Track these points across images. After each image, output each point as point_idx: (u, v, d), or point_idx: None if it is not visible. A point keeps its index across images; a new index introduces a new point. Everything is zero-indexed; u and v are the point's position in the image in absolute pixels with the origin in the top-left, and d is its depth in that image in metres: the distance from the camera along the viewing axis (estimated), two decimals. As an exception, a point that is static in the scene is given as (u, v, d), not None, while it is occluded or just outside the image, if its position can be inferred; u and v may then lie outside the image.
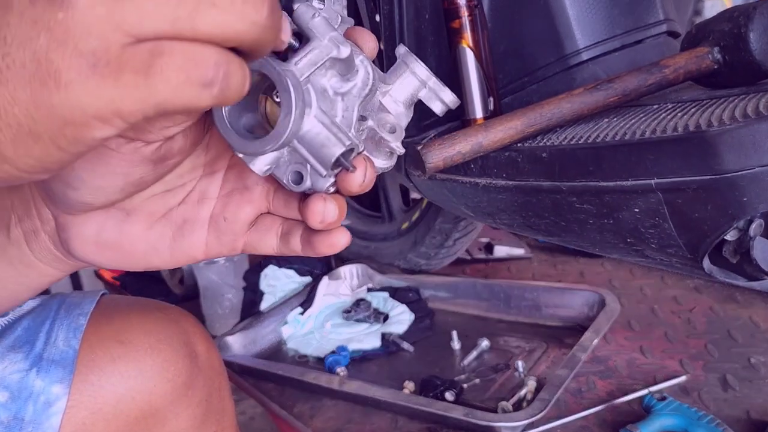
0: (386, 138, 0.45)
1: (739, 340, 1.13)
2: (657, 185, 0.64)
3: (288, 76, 0.38)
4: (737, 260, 0.64)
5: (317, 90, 0.41)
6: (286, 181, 0.43)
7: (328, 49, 0.40)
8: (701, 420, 0.89)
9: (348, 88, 0.42)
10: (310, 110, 0.40)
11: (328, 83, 0.42)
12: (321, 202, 0.42)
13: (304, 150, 0.41)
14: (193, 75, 0.29)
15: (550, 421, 0.98)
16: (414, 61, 0.47)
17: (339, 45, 0.40)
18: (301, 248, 0.46)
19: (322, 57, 0.40)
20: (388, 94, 0.47)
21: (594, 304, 1.26)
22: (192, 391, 0.65)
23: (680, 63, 0.74)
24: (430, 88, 0.48)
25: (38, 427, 0.55)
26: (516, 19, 0.89)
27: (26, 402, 0.56)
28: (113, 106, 0.29)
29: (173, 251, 0.47)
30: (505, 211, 0.84)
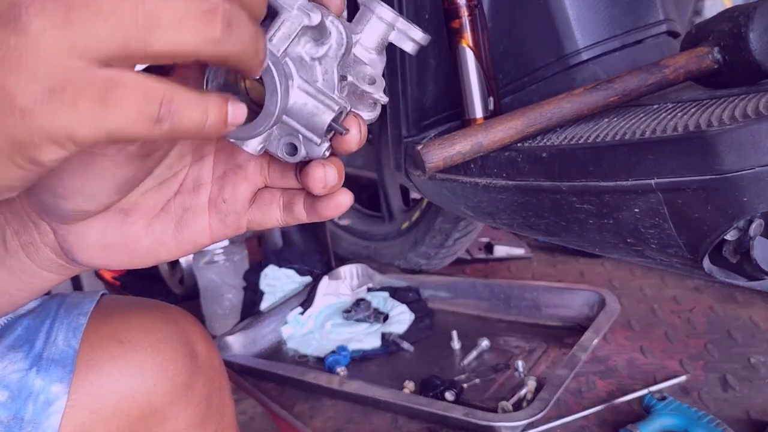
0: (368, 90, 0.44)
1: (739, 340, 1.13)
2: (657, 185, 0.64)
3: (273, 66, 0.38)
4: (737, 260, 0.64)
5: (295, 60, 0.41)
6: (281, 154, 0.43)
7: (299, 19, 0.40)
8: (701, 420, 0.89)
9: (324, 52, 0.42)
10: (292, 82, 0.40)
11: (304, 50, 0.41)
12: (321, 168, 0.42)
13: (294, 122, 0.41)
14: (144, 110, 0.29)
15: (550, 421, 0.98)
16: (378, 5, 0.47)
17: (309, 12, 0.40)
18: (306, 215, 0.46)
19: (295, 28, 0.40)
20: (359, 44, 0.46)
21: (594, 303, 1.26)
22: (192, 390, 0.65)
23: (680, 63, 0.74)
24: (398, 30, 0.47)
25: (38, 427, 0.55)
26: (516, 19, 0.89)
27: (26, 401, 0.56)
28: (68, 131, 0.29)
29: (178, 242, 0.47)
30: (505, 211, 0.84)
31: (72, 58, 0.28)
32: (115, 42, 0.28)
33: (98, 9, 0.28)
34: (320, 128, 0.41)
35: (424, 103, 0.91)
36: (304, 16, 0.40)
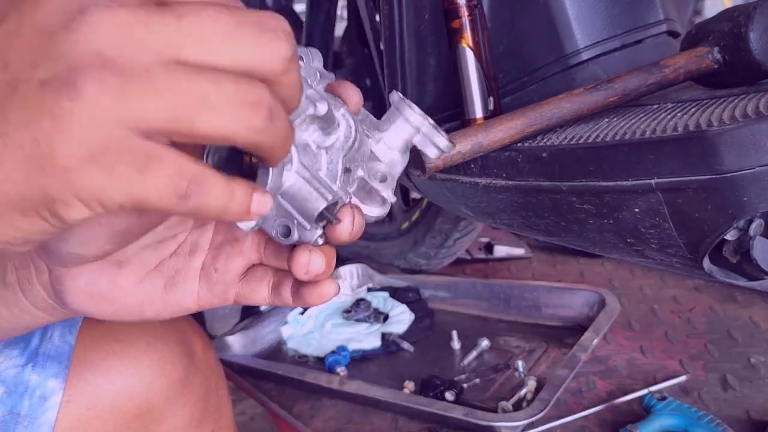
0: (376, 187, 0.45)
1: (739, 340, 1.13)
2: (657, 185, 0.64)
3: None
4: (737, 260, 0.64)
5: (299, 145, 0.42)
6: (275, 235, 0.43)
7: (304, 107, 0.40)
8: (701, 420, 0.89)
9: (331, 142, 0.43)
10: (291, 166, 0.41)
11: (310, 138, 0.42)
12: (306, 253, 0.42)
13: (288, 205, 0.42)
14: (176, 186, 0.31)
15: (550, 421, 0.98)
16: (407, 108, 0.47)
17: (316, 102, 0.41)
18: (292, 299, 0.46)
19: (299, 115, 0.41)
20: (382, 141, 0.47)
21: (594, 304, 1.26)
22: (189, 389, 0.66)
23: (680, 63, 0.74)
24: (423, 134, 0.48)
25: (34, 422, 0.55)
26: (516, 19, 0.89)
27: (22, 396, 0.56)
28: (100, 194, 0.30)
29: (165, 302, 0.47)
30: (505, 211, 0.84)
31: (120, 127, 0.29)
32: (163, 118, 0.29)
33: (153, 84, 0.29)
34: (311, 214, 0.42)
35: (424, 103, 0.91)
36: (310, 104, 0.41)
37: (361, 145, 0.45)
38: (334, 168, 0.43)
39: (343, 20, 1.39)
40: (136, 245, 0.46)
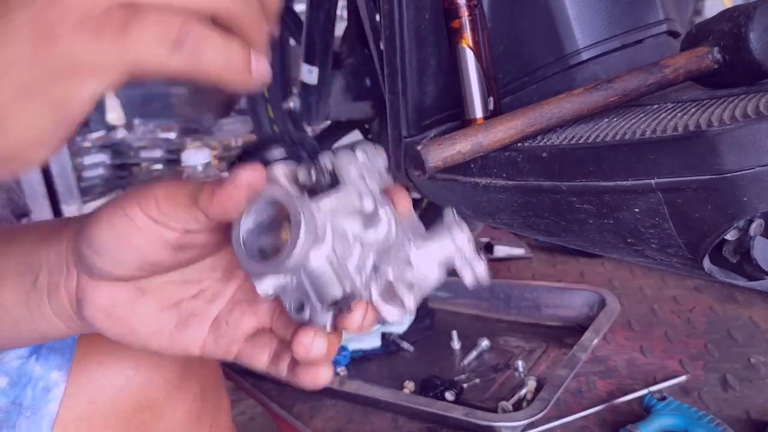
0: (400, 293, 0.44)
1: (739, 340, 1.13)
2: (657, 185, 0.64)
3: (304, 210, 0.39)
4: (737, 260, 0.64)
5: (337, 231, 0.42)
6: (288, 308, 0.44)
7: (351, 198, 0.42)
8: (701, 420, 0.89)
9: (368, 238, 0.43)
10: (321, 247, 0.41)
11: (350, 227, 0.43)
12: (310, 335, 0.43)
13: (308, 283, 0.42)
14: (162, 35, 0.33)
15: (550, 421, 0.98)
16: (458, 230, 0.47)
17: (363, 197, 0.42)
18: (286, 374, 0.47)
19: (345, 204, 0.42)
20: (423, 251, 0.47)
21: (594, 303, 1.26)
22: (186, 385, 0.66)
23: (680, 63, 0.74)
24: (465, 259, 0.47)
25: (36, 412, 0.56)
26: (516, 18, 0.89)
27: (25, 387, 0.57)
28: (96, 58, 0.32)
29: (172, 340, 0.48)
30: (505, 211, 0.84)
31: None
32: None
33: None
34: (326, 299, 0.42)
35: (424, 102, 0.91)
36: (358, 198, 0.42)
37: (399, 249, 0.45)
38: (363, 263, 0.43)
39: (343, 20, 1.39)
40: (163, 278, 0.47)
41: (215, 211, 0.41)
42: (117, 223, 0.42)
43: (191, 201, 0.42)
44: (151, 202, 0.42)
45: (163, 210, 0.42)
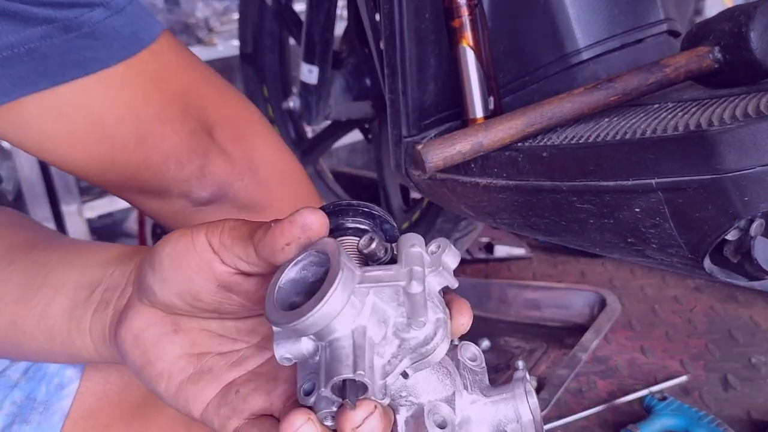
0: (427, 425, 0.39)
1: (740, 340, 1.13)
2: (658, 185, 0.64)
3: (345, 271, 0.36)
4: (738, 260, 0.64)
5: (377, 314, 0.38)
6: (299, 387, 0.40)
7: (400, 276, 0.38)
8: (702, 420, 0.89)
9: (407, 336, 0.38)
10: (351, 317, 0.37)
11: (393, 316, 0.38)
12: (302, 419, 0.38)
13: (324, 361, 0.38)
14: None
15: (551, 421, 0.98)
16: (524, 398, 0.44)
17: (414, 280, 0.37)
18: None
19: (391, 280, 0.38)
20: (477, 407, 0.43)
21: (594, 304, 1.26)
22: None
23: (681, 62, 0.74)
24: (523, 426, 0.44)
25: (49, 408, 0.57)
26: (516, 18, 0.89)
27: (39, 383, 0.58)
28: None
29: (179, 390, 0.46)
30: (506, 211, 0.84)
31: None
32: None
33: None
34: (332, 376, 0.37)
35: (424, 102, 0.91)
36: (407, 278, 0.37)
37: (442, 376, 0.42)
38: (395, 363, 0.38)
39: (343, 19, 1.39)
40: (200, 323, 0.46)
41: (264, 246, 0.39)
42: (180, 243, 0.42)
43: (249, 236, 0.40)
44: (216, 231, 0.41)
45: (223, 240, 0.41)
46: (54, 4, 0.48)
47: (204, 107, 0.65)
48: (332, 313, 0.36)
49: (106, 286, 0.49)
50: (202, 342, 0.46)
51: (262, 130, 0.71)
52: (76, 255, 0.52)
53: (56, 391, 0.58)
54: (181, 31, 2.19)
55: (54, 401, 0.57)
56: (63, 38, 0.49)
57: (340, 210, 0.43)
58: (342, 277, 0.35)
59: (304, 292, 0.39)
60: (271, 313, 0.37)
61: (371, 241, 0.40)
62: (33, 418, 0.56)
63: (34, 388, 0.58)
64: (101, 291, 0.49)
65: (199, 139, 0.63)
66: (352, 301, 0.37)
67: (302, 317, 0.35)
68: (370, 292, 0.38)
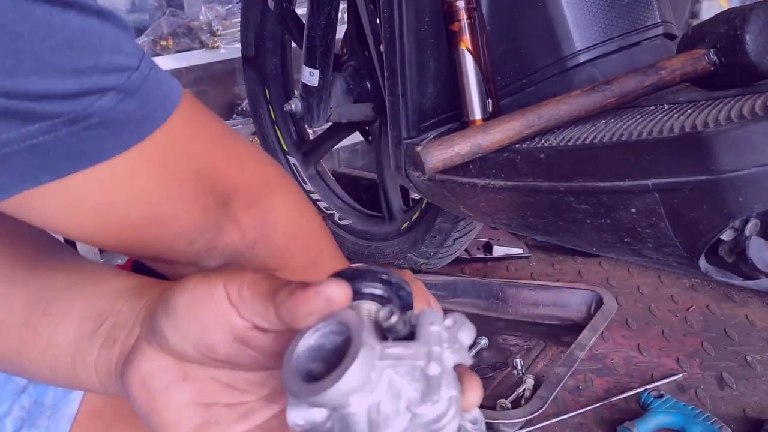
0: None
1: (736, 339, 1.14)
2: (654, 185, 0.65)
3: (366, 348, 0.36)
4: (733, 259, 0.64)
5: (393, 388, 0.38)
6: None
7: (418, 356, 0.37)
8: (698, 417, 0.90)
9: (420, 412, 0.38)
10: (368, 393, 0.37)
11: (407, 390, 0.38)
12: None
13: (337, 426, 0.38)
14: None
15: (548, 419, 0.99)
16: None
17: (432, 361, 0.37)
18: None
19: (411, 364, 0.38)
20: None
21: (592, 302, 1.26)
22: None
23: (677, 65, 0.75)
24: None
25: (57, 412, 0.57)
26: (514, 21, 0.89)
27: (47, 388, 0.58)
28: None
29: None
30: (504, 211, 0.84)
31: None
32: None
33: None
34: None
35: (424, 105, 0.92)
36: (425, 358, 0.37)
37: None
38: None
39: (343, 23, 1.40)
40: (210, 372, 0.45)
41: (287, 310, 0.38)
42: (197, 291, 0.41)
43: (270, 294, 0.39)
44: (235, 283, 0.40)
45: (242, 294, 0.40)
46: (60, 96, 0.43)
47: (219, 178, 0.62)
48: (351, 390, 0.36)
49: (113, 322, 0.47)
50: (211, 392, 0.45)
51: (281, 190, 0.67)
52: (83, 281, 0.50)
53: (63, 395, 0.58)
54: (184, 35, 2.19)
55: (61, 405, 0.57)
56: (68, 130, 0.45)
57: (359, 275, 0.43)
58: (363, 355, 0.35)
59: (322, 359, 0.39)
60: (289, 381, 0.37)
61: (391, 314, 0.40)
62: (41, 423, 0.57)
63: (42, 393, 0.58)
64: (108, 326, 0.47)
65: (213, 213, 0.61)
66: (370, 380, 0.37)
67: (321, 392, 0.35)
68: (389, 368, 0.38)
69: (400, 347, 0.38)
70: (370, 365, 0.36)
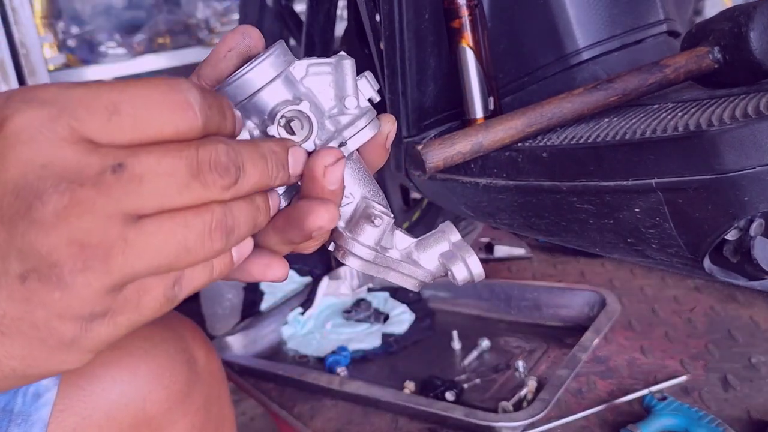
0: (374, 208, 0.43)
1: (740, 340, 1.13)
2: (657, 185, 0.64)
3: (279, 49, 0.40)
4: (738, 260, 0.64)
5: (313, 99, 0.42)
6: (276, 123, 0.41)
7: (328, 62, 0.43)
8: (702, 420, 0.89)
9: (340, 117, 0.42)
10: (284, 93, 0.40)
11: (327, 107, 0.42)
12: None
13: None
14: (165, 297, 0.33)
15: (551, 421, 0.98)
16: (451, 230, 0.47)
17: (345, 59, 0.43)
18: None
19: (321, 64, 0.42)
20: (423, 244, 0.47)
21: (594, 304, 1.26)
22: (190, 398, 0.65)
23: (680, 62, 0.74)
24: (459, 254, 0.47)
25: (27, 419, 0.55)
26: (516, 18, 0.89)
27: (15, 394, 0.56)
28: (108, 340, 0.33)
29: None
30: (506, 211, 0.84)
31: (112, 294, 0.31)
32: (149, 272, 0.32)
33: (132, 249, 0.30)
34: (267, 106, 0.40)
35: (424, 103, 0.91)
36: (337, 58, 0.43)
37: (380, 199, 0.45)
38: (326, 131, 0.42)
39: (343, 20, 1.39)
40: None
41: (209, 61, 0.42)
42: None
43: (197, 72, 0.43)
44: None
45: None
46: None
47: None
48: (259, 80, 0.39)
49: None
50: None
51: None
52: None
53: (33, 401, 0.56)
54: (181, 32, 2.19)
55: (32, 411, 0.55)
56: None
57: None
58: (274, 52, 0.39)
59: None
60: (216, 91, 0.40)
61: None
62: (12, 431, 0.55)
63: (10, 400, 0.55)
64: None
65: None
66: (287, 76, 0.40)
67: (231, 79, 0.39)
68: (306, 81, 0.41)
69: (315, 59, 0.42)
70: (282, 62, 0.40)
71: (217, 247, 0.33)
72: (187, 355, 0.65)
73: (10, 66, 1.83)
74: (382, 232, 0.44)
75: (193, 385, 0.65)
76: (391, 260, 0.45)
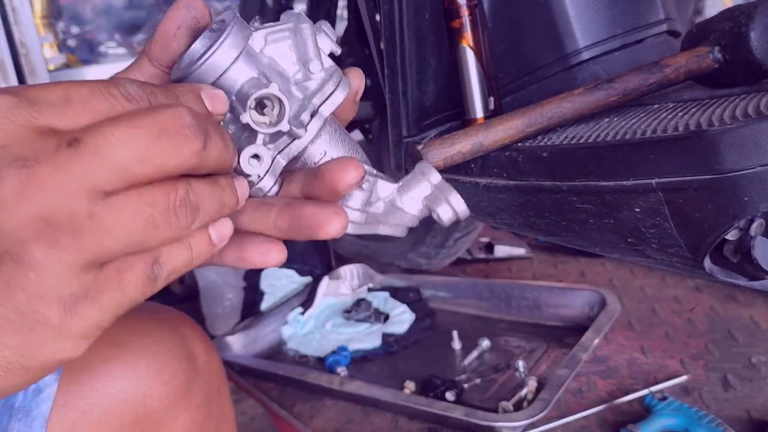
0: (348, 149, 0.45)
1: (740, 340, 1.13)
2: (658, 185, 0.64)
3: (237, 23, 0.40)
4: (738, 260, 0.64)
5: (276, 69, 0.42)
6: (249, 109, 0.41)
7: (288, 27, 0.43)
8: (702, 420, 0.89)
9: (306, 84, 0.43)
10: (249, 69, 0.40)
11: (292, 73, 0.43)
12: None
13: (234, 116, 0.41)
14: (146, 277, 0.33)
15: (551, 421, 0.98)
16: (431, 171, 0.46)
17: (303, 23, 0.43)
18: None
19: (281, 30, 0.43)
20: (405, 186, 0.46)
21: (594, 303, 1.26)
22: (189, 394, 0.65)
23: (681, 62, 0.74)
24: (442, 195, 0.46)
25: (29, 414, 0.55)
26: (516, 18, 0.89)
27: None
28: (97, 323, 0.32)
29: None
30: (506, 211, 0.84)
31: (88, 271, 0.31)
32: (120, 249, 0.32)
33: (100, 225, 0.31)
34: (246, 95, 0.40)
35: (425, 102, 0.91)
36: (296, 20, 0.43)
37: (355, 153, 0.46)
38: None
39: (343, 20, 1.39)
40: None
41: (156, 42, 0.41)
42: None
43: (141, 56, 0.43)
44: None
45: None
46: None
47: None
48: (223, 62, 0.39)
49: None
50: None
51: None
52: None
53: (34, 396, 0.56)
54: (181, 32, 2.19)
55: (33, 406, 0.55)
56: None
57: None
58: (233, 26, 0.39)
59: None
60: (174, 72, 0.40)
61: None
62: (13, 426, 0.55)
63: (10, 396, 0.55)
64: None
65: None
66: (248, 51, 0.40)
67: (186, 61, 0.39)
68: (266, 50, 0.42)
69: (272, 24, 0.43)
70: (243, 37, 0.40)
71: (183, 223, 0.33)
72: (187, 351, 0.66)
73: (10, 66, 1.83)
74: (369, 192, 0.45)
75: (193, 381, 0.65)
76: (379, 215, 0.46)
